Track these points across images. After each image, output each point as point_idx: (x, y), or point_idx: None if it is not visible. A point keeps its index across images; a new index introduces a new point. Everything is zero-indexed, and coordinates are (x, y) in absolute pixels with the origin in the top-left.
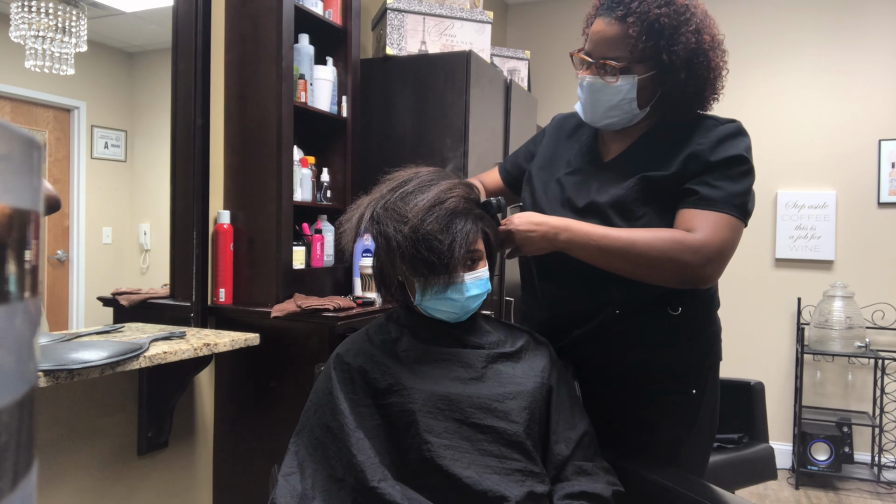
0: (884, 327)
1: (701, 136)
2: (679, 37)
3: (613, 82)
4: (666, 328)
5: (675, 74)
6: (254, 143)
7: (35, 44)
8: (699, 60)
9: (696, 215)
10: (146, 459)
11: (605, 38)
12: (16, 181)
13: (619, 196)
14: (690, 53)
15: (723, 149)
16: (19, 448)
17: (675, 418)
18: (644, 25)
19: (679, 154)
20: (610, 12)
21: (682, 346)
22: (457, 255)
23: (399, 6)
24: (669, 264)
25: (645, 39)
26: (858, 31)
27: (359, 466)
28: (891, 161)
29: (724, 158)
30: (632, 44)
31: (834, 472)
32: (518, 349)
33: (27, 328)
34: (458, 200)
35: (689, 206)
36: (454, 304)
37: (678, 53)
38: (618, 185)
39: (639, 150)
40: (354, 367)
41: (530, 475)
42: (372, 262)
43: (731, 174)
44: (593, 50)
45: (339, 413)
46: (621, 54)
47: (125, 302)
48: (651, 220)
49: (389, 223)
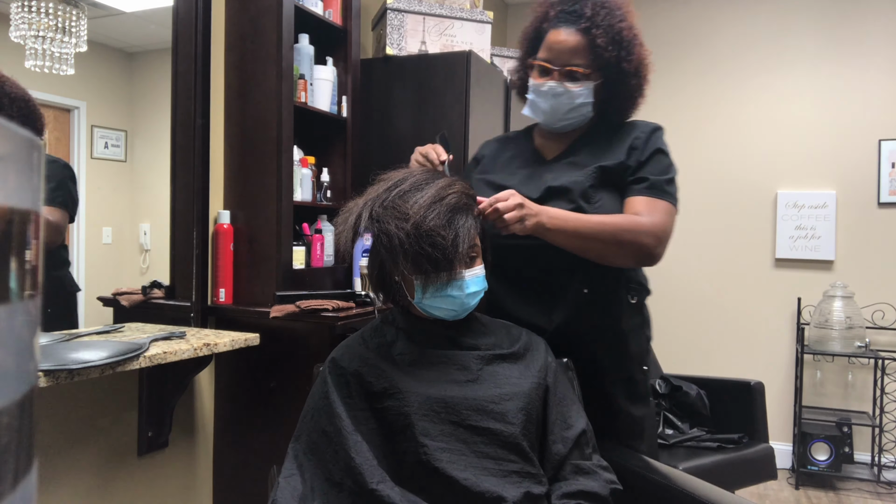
0: (884, 327)
1: (636, 131)
2: (634, 48)
3: (576, 88)
4: (629, 315)
5: (628, 80)
6: (254, 143)
7: (35, 44)
8: (643, 70)
9: (644, 202)
10: (146, 459)
11: (569, 47)
12: (16, 181)
13: (580, 181)
14: (639, 63)
15: (652, 142)
16: (19, 448)
17: (637, 395)
18: (609, 37)
19: (622, 147)
20: (571, 24)
21: (640, 332)
22: (461, 250)
23: (399, 6)
24: (633, 245)
25: (610, 50)
26: (858, 31)
27: (357, 469)
28: (891, 161)
29: (655, 151)
30: (597, 53)
31: (834, 472)
32: (515, 350)
33: (27, 328)
34: (458, 196)
35: (637, 194)
36: (454, 301)
37: (632, 63)
38: (573, 174)
39: (580, 148)
40: (350, 371)
41: (527, 476)
42: (368, 263)
43: (663, 166)
44: (555, 58)
45: (336, 417)
46: (585, 62)
47: (125, 302)
48: (605, 203)
49: (390, 221)
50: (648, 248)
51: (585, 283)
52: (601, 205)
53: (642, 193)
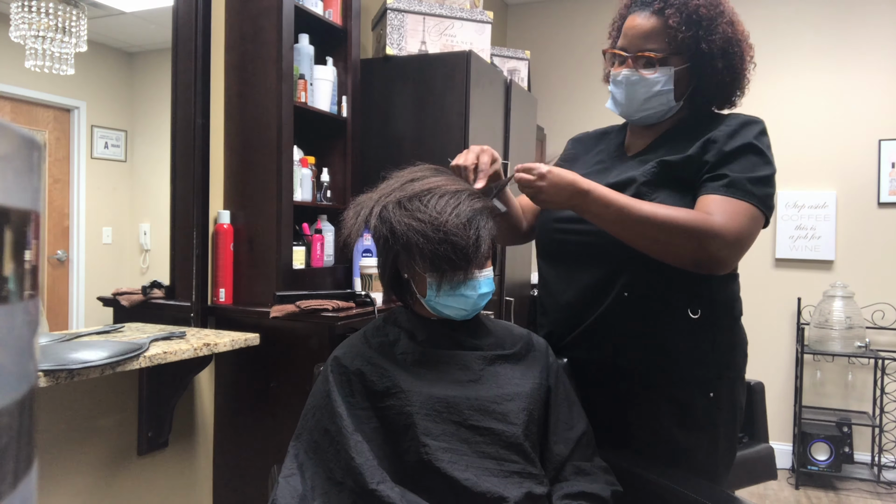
0: (884, 327)
1: (723, 124)
2: (716, 27)
3: (651, 74)
4: (685, 331)
5: (713, 63)
6: (254, 143)
7: (35, 44)
8: (734, 50)
9: (717, 201)
10: (146, 459)
11: (643, 32)
12: (16, 181)
13: (633, 177)
14: (726, 43)
15: (741, 136)
16: (19, 448)
17: (691, 422)
18: (683, 16)
19: (698, 140)
20: (646, 7)
21: (702, 354)
22: (483, 250)
23: (399, 6)
24: (687, 240)
25: (685, 30)
26: (858, 31)
27: (357, 469)
28: (891, 161)
29: (743, 145)
30: (671, 34)
31: (834, 472)
32: (517, 350)
33: (27, 328)
34: (477, 197)
35: (712, 192)
36: (467, 300)
37: (716, 42)
38: (636, 171)
39: (663, 143)
40: (352, 369)
41: (528, 476)
42: (378, 261)
43: (751, 163)
44: (629, 44)
45: (337, 416)
46: (659, 46)
47: (125, 302)
48: (665, 202)
49: (408, 219)
50: (707, 247)
51: (629, 285)
52: (660, 202)
53: (718, 192)
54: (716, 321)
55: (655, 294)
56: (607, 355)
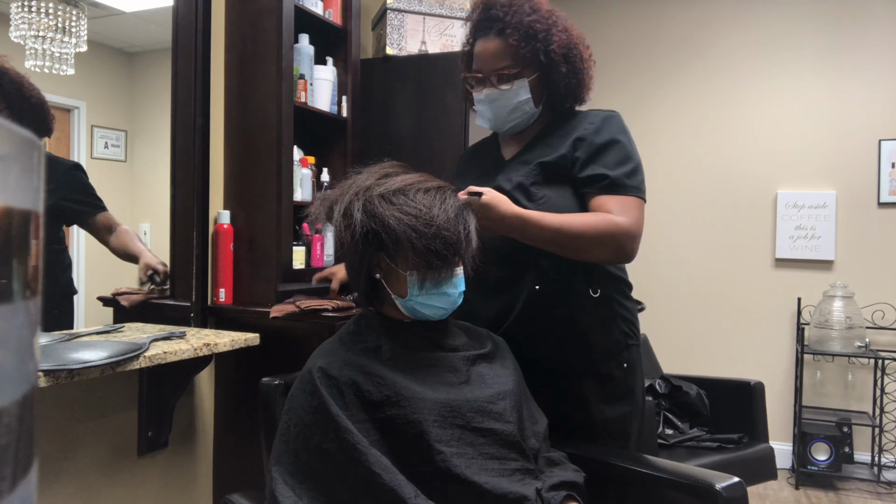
0: (884, 327)
1: (585, 122)
2: (552, 37)
3: (509, 89)
4: (590, 308)
5: (558, 68)
6: (254, 143)
7: (35, 44)
8: (573, 53)
9: (609, 200)
10: (146, 459)
11: (492, 53)
12: (16, 181)
13: (519, 181)
14: (564, 48)
15: (605, 131)
16: (19, 448)
17: (614, 395)
18: (521, 33)
19: (567, 139)
20: (488, 31)
21: (609, 326)
22: (473, 246)
23: (399, 6)
24: (609, 243)
25: (524, 45)
26: (858, 31)
27: (387, 485)
28: (891, 161)
29: (608, 141)
30: (514, 51)
31: (834, 472)
32: (489, 350)
33: (27, 328)
34: (456, 195)
35: (600, 193)
36: (447, 299)
37: (555, 50)
38: (518, 173)
39: (534, 146)
40: (343, 380)
41: (528, 473)
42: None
43: (619, 157)
44: (483, 66)
45: (342, 431)
46: (508, 63)
47: (125, 302)
48: (551, 199)
49: (398, 213)
50: (628, 247)
51: (538, 279)
52: (545, 201)
53: (605, 192)
54: (612, 295)
55: (562, 279)
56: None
